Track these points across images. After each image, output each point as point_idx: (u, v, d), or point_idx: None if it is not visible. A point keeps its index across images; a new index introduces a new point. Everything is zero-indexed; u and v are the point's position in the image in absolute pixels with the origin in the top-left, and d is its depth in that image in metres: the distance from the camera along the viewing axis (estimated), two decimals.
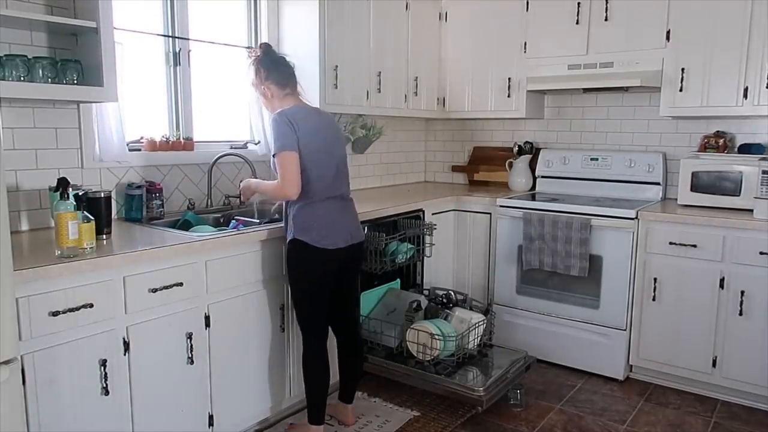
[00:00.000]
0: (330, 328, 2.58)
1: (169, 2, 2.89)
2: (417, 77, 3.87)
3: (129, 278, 2.02)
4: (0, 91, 1.99)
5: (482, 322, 2.94)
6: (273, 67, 2.40)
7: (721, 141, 3.29)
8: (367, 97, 3.49)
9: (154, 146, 2.81)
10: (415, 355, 2.84)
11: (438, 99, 4.10)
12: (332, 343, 2.61)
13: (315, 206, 2.35)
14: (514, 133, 4.20)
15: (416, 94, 3.89)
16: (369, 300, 3.12)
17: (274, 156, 2.30)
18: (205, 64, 3.08)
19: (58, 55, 2.33)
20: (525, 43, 3.71)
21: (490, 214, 3.64)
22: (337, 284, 2.50)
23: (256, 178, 2.94)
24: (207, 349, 2.31)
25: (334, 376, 2.62)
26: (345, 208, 2.47)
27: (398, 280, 3.34)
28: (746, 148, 3.24)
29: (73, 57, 2.31)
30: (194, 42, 3.01)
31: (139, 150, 2.79)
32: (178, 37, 2.93)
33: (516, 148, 4.04)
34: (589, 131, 3.91)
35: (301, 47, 3.22)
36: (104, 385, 1.97)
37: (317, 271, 2.38)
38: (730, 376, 2.95)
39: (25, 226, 2.35)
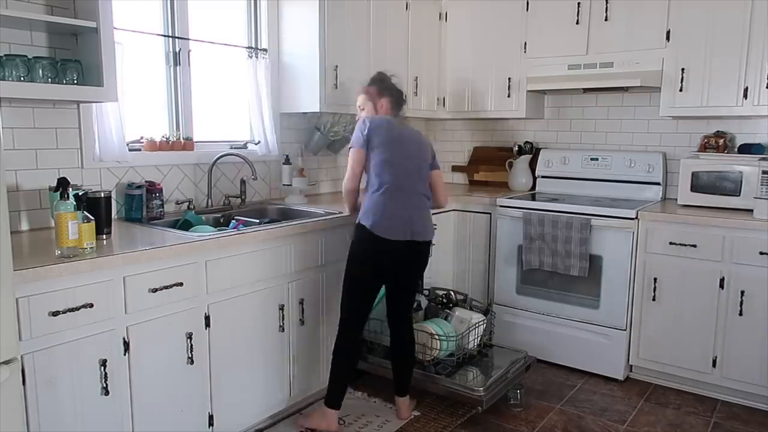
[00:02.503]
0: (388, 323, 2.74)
1: (169, 2, 2.89)
2: (417, 77, 3.87)
3: (129, 278, 2.02)
4: (0, 91, 1.99)
5: (482, 322, 2.94)
6: (392, 91, 2.74)
7: (721, 141, 3.29)
8: None
9: (154, 146, 2.81)
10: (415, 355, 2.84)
11: (438, 99, 4.10)
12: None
13: (378, 195, 2.50)
14: (514, 133, 4.20)
15: (416, 94, 3.89)
16: None
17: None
18: (205, 64, 3.08)
19: (58, 55, 2.33)
20: (525, 43, 3.71)
21: (490, 214, 3.64)
22: (394, 281, 2.64)
23: (255, 177, 2.95)
24: (207, 349, 2.31)
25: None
26: (412, 205, 2.55)
27: None
28: (746, 148, 3.24)
29: (73, 57, 2.31)
30: (194, 42, 3.01)
31: (139, 150, 2.79)
32: (178, 37, 2.93)
33: (516, 148, 4.04)
34: (589, 131, 3.91)
35: (301, 47, 3.23)
36: (104, 385, 1.97)
37: (367, 256, 2.52)
38: (730, 376, 2.95)
39: (25, 226, 2.35)
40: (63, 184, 1.93)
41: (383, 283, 2.67)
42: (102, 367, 1.96)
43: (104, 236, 2.21)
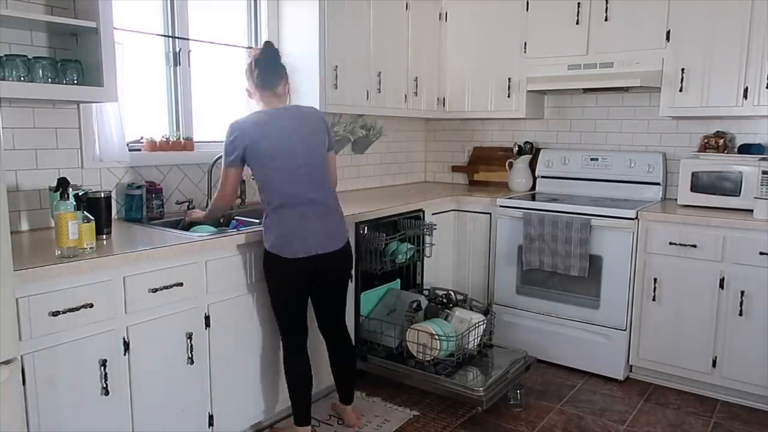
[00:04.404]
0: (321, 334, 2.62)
1: (169, 2, 2.89)
2: (417, 77, 3.87)
3: (129, 278, 2.02)
4: (0, 91, 1.99)
5: (482, 322, 2.94)
6: (261, 67, 2.35)
7: (721, 141, 3.29)
8: (367, 97, 3.49)
9: (154, 146, 2.81)
10: (415, 355, 2.84)
11: (438, 99, 4.10)
12: (320, 344, 2.62)
13: (276, 213, 2.31)
14: (514, 133, 4.20)
15: (416, 94, 3.89)
16: (369, 300, 3.11)
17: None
18: (205, 64, 3.08)
19: (58, 55, 2.33)
20: (525, 43, 3.71)
21: (490, 214, 3.64)
22: (318, 292, 2.49)
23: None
24: (207, 349, 2.31)
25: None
26: (314, 216, 2.34)
27: (398, 280, 3.33)
28: (746, 148, 3.25)
29: (73, 57, 2.31)
30: (194, 42, 3.01)
31: (139, 150, 2.79)
32: (178, 37, 2.93)
33: (516, 148, 4.04)
34: (589, 131, 3.91)
35: (301, 47, 3.23)
36: (104, 385, 1.97)
37: (279, 279, 2.37)
38: (730, 376, 2.95)
39: (25, 226, 2.35)
40: (63, 184, 1.93)
41: (315, 295, 2.51)
42: (102, 367, 1.96)
43: (104, 236, 2.22)
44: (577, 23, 3.49)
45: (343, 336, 2.64)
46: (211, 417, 2.36)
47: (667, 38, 3.23)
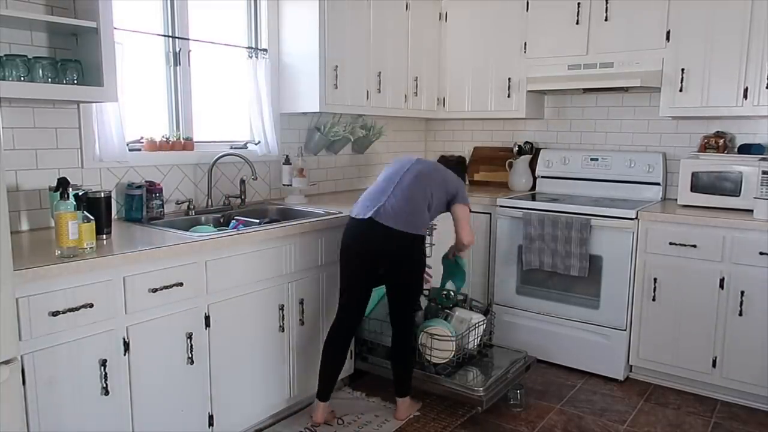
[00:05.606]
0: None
1: (169, 2, 2.89)
2: (417, 77, 3.88)
3: (129, 278, 2.02)
4: (0, 91, 1.99)
5: (482, 322, 2.94)
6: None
7: (721, 141, 3.29)
8: (367, 97, 3.49)
9: (154, 146, 2.81)
10: (423, 354, 2.83)
11: (438, 99, 4.10)
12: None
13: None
14: (514, 133, 4.20)
15: (416, 94, 3.89)
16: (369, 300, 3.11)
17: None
18: (205, 64, 3.08)
19: (58, 55, 2.33)
20: (525, 43, 3.71)
21: (490, 214, 3.64)
22: (384, 279, 2.65)
23: (255, 177, 2.95)
24: (207, 349, 2.31)
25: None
26: (394, 195, 2.60)
27: None
28: (746, 149, 3.25)
29: (73, 57, 2.31)
30: (194, 42, 3.01)
31: (139, 150, 2.79)
32: (178, 37, 2.93)
33: (516, 148, 4.04)
34: (589, 131, 3.91)
35: (301, 47, 3.23)
36: (104, 385, 1.97)
37: (342, 245, 2.66)
38: (730, 376, 2.95)
39: (25, 226, 2.35)
40: (63, 184, 1.93)
41: (363, 278, 2.64)
42: (102, 367, 1.96)
43: (104, 236, 2.22)
44: (577, 23, 3.49)
45: (398, 330, 2.70)
46: (211, 417, 2.36)
47: (667, 38, 3.23)
